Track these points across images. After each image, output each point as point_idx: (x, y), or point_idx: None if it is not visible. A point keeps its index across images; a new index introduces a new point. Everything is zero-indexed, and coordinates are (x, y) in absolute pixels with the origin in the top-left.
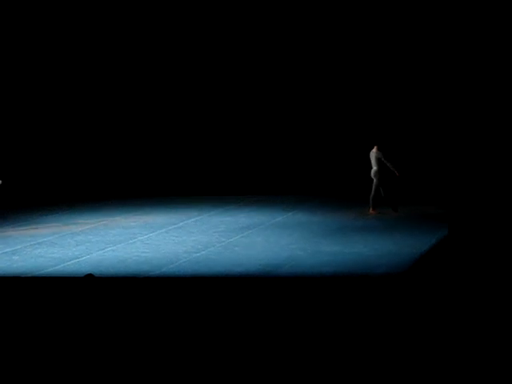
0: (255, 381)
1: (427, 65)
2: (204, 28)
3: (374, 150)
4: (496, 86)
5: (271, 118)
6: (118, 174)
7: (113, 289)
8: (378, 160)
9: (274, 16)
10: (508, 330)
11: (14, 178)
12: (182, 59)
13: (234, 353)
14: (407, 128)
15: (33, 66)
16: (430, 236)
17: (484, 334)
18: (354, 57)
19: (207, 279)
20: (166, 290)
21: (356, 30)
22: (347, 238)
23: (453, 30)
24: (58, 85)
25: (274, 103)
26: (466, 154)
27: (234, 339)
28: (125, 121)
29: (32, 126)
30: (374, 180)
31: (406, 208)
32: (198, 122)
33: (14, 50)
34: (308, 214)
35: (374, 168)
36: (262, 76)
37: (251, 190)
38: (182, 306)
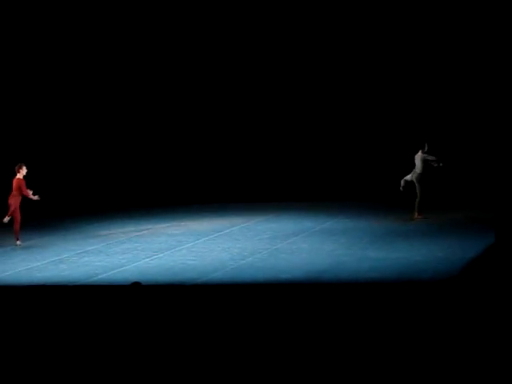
0: None
1: (470, 67)
2: (204, 31)
3: (419, 153)
4: None
5: (317, 125)
6: (164, 182)
7: (159, 296)
8: (424, 162)
9: (275, 21)
10: None
11: (61, 186)
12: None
13: (283, 358)
14: (454, 131)
15: (71, 80)
16: (476, 241)
17: None
18: (392, 57)
19: (253, 286)
20: (212, 297)
21: (383, 29)
22: (393, 243)
23: (488, 29)
24: (96, 96)
25: (322, 111)
26: None
27: (282, 344)
28: (173, 129)
29: (82, 135)
30: (417, 185)
31: (452, 212)
32: (244, 131)
33: (35, 62)
34: (353, 220)
35: (418, 172)
36: (300, 81)
37: (297, 196)
38: (229, 312)
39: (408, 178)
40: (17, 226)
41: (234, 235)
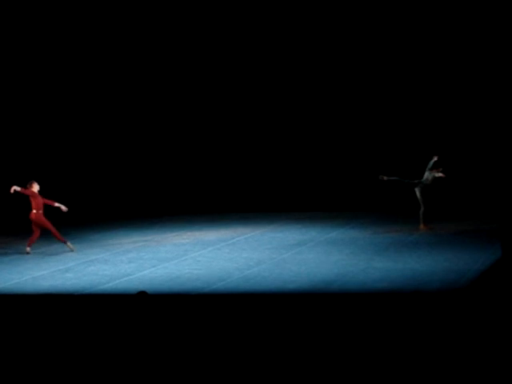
0: None
1: (480, 79)
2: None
3: (434, 171)
4: None
5: (323, 135)
6: (170, 192)
7: (165, 306)
8: (434, 178)
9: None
10: None
11: (67, 196)
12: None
13: (289, 368)
14: (460, 141)
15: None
16: (483, 252)
17: None
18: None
19: (259, 296)
20: (218, 307)
21: (385, 41)
22: (399, 253)
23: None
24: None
25: (328, 121)
26: None
27: (288, 354)
28: (179, 139)
29: (87, 144)
30: (419, 196)
31: (458, 223)
32: (250, 140)
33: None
34: (360, 230)
35: (424, 183)
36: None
37: (302, 206)
38: (235, 322)
39: (414, 182)
40: (35, 237)
41: (240, 245)
